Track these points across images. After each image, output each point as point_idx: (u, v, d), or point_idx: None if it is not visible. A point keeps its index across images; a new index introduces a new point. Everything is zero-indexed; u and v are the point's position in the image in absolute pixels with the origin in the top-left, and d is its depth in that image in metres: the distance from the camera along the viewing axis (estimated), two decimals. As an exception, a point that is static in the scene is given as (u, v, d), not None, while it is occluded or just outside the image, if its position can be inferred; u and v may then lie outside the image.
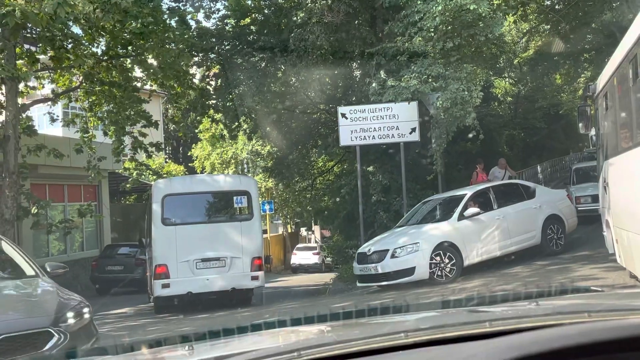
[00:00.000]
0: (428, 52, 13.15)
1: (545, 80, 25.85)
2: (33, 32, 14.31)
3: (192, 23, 17.66)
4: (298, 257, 34.30)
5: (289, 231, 40.20)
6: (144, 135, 16.56)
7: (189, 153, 36.02)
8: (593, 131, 10.22)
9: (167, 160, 35.36)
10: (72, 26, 13.76)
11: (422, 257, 11.20)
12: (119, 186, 23.62)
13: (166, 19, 15.56)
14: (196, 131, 30.49)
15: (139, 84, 16.78)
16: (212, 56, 18.93)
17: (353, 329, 1.90)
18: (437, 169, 14.12)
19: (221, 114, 19.81)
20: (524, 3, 19.02)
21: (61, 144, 16.83)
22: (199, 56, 18.52)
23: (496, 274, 10.94)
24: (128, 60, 15.87)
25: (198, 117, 20.59)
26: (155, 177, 22.95)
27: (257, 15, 19.71)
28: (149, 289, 14.02)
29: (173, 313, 12.79)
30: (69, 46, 14.05)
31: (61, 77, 16.16)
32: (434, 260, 11.18)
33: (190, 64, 17.69)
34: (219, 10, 19.64)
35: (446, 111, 12.80)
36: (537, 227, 12.18)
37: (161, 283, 12.53)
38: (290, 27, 16.97)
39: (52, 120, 16.58)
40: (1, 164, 13.48)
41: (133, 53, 15.36)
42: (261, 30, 19.33)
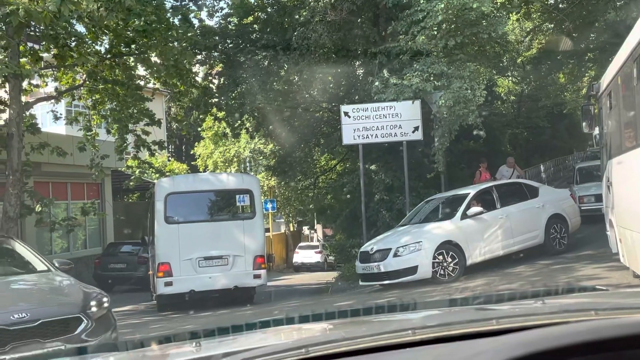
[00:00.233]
0: (431, 51, 13.13)
1: (548, 79, 25.80)
2: (36, 30, 14.32)
3: (195, 22, 17.68)
4: (300, 256, 34.34)
5: (291, 230, 40.22)
6: (147, 133, 16.59)
7: (192, 151, 36.05)
8: (597, 130, 10.21)
9: (170, 158, 35.41)
10: (76, 24, 13.80)
11: (425, 256, 11.20)
12: (122, 184, 23.66)
13: (169, 17, 15.58)
14: (199, 129, 30.51)
15: (142, 82, 16.80)
16: (215, 54, 18.94)
17: (360, 326, 1.90)
18: (439, 168, 14.10)
19: (224, 112, 19.82)
20: (528, 1, 18.98)
21: (64, 142, 16.87)
22: (202, 54, 18.53)
23: (499, 274, 10.93)
24: (131, 58, 15.90)
25: (201, 116, 20.59)
26: (157, 176, 22.97)
27: (260, 13, 19.72)
28: (152, 287, 14.06)
29: (176, 311, 12.82)
30: (73, 44, 14.07)
31: (64, 75, 16.18)
32: (437, 259, 11.18)
33: (193, 62, 17.69)
34: (222, 8, 19.67)
35: (449, 110, 12.78)
36: (540, 227, 12.17)
37: (164, 281, 12.59)
38: (293, 26, 16.97)
39: (56, 118, 16.61)
40: (5, 162, 13.51)
41: (136, 51, 15.38)
42: (264, 28, 19.33)
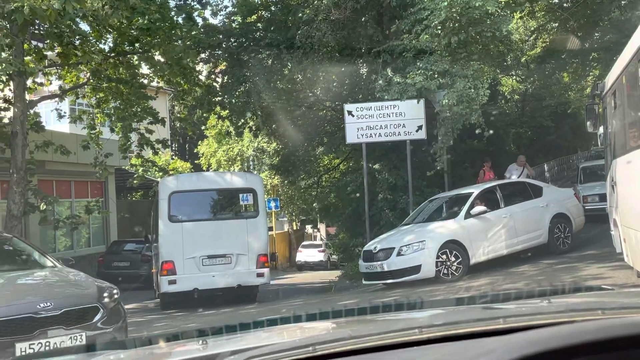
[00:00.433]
0: (434, 49, 13.11)
1: (552, 78, 25.74)
2: (41, 29, 14.36)
3: (199, 20, 17.69)
4: (303, 255, 34.37)
5: (295, 228, 40.23)
6: (151, 131, 16.61)
7: (195, 150, 36.08)
8: (601, 130, 10.18)
9: (174, 157, 35.44)
10: (80, 23, 13.81)
11: (429, 255, 11.19)
12: (126, 182, 23.69)
13: (173, 16, 15.60)
14: (202, 128, 30.54)
15: (146, 81, 16.83)
16: (219, 53, 18.95)
17: (367, 325, 1.90)
18: (439, 166, 14.10)
19: (227, 111, 19.83)
20: (532, 0, 18.93)
21: (68, 141, 16.90)
22: (206, 53, 18.54)
23: (503, 273, 10.92)
24: (135, 56, 15.92)
25: (204, 114, 20.61)
26: (161, 174, 23.01)
27: (264, 12, 19.72)
28: (155, 285, 14.09)
29: (179, 309, 12.84)
30: (77, 43, 14.09)
31: (68, 74, 16.21)
32: (440, 258, 11.17)
33: (196, 61, 17.72)
34: (226, 7, 19.72)
35: (452, 108, 12.77)
36: (544, 226, 12.15)
37: (168, 279, 12.62)
38: (296, 24, 16.96)
39: (60, 116, 16.64)
40: (9, 160, 13.55)
41: (140, 50, 15.40)
42: (268, 27, 19.32)
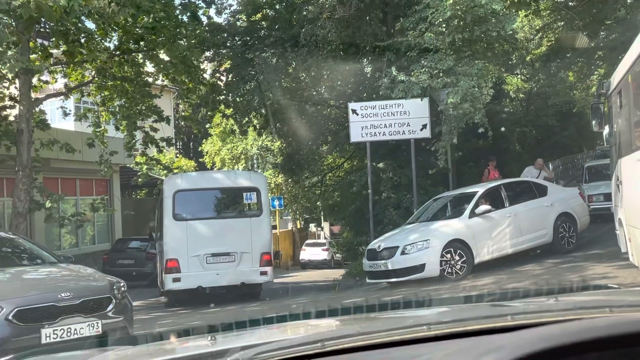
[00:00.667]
0: (439, 48, 13.10)
1: (557, 77, 25.67)
2: (46, 27, 14.40)
3: (204, 19, 17.71)
4: (307, 253, 34.36)
5: (298, 227, 40.23)
6: (155, 130, 16.65)
7: (200, 148, 36.12)
8: (606, 129, 10.15)
9: (178, 155, 35.49)
10: (86, 21, 13.85)
11: (433, 254, 11.17)
12: (130, 180, 23.76)
13: (178, 15, 15.62)
14: (207, 126, 30.58)
15: (151, 79, 16.86)
16: (223, 52, 18.97)
17: (376, 322, 1.91)
18: (441, 164, 14.10)
19: (232, 110, 19.86)
20: (537, -1, 18.89)
21: (73, 138, 16.95)
22: (211, 51, 18.57)
23: (507, 272, 10.90)
24: (140, 55, 15.95)
25: (209, 113, 20.64)
26: (165, 172, 23.06)
27: (269, 10, 19.73)
28: (160, 283, 14.13)
29: (183, 307, 12.89)
30: (82, 40, 14.13)
31: (74, 72, 16.26)
32: (445, 257, 11.15)
33: (201, 59, 17.74)
34: (231, 5, 19.72)
35: (455, 107, 12.75)
36: (549, 225, 12.11)
37: (172, 277, 12.71)
38: (301, 23, 16.97)
39: (65, 114, 16.69)
40: (14, 158, 13.60)
41: (145, 48, 15.42)
42: (272, 25, 19.34)
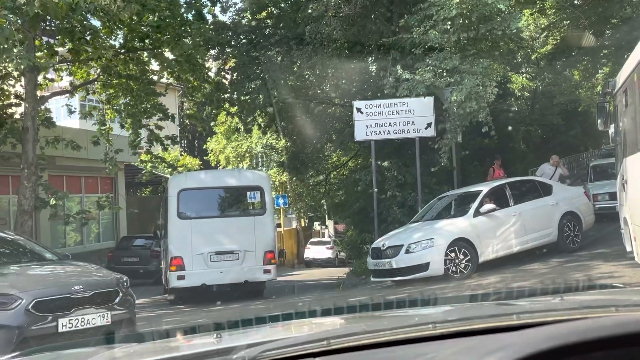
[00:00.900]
0: (444, 46, 13.07)
1: (562, 76, 25.58)
2: (52, 25, 14.44)
3: (209, 17, 17.73)
4: (311, 252, 34.36)
5: (303, 225, 40.21)
6: (160, 128, 16.68)
7: (204, 146, 36.15)
8: (612, 128, 10.12)
9: (183, 153, 35.54)
10: (91, 19, 13.88)
11: (437, 253, 11.15)
12: (135, 178, 23.81)
13: (183, 13, 15.63)
14: (212, 124, 30.60)
15: (156, 77, 16.89)
16: (228, 50, 18.98)
17: (381, 320, 1.91)
18: (444, 162, 14.08)
19: (236, 108, 19.88)
20: (543, -2, 18.85)
21: (78, 136, 17.00)
22: (216, 49, 18.58)
23: (513, 271, 10.88)
24: (145, 53, 15.98)
25: (214, 111, 20.67)
26: (170, 170, 23.09)
27: (273, 9, 19.72)
28: (165, 281, 14.19)
29: (188, 304, 12.94)
30: (88, 38, 14.16)
31: (79, 70, 16.30)
32: (449, 256, 11.13)
33: (206, 58, 17.76)
34: (236, 3, 19.68)
35: (459, 105, 12.73)
36: (554, 224, 12.07)
37: (176, 275, 12.82)
38: (306, 21, 16.96)
39: (70, 112, 16.74)
40: (20, 156, 13.65)
41: (150, 46, 15.45)
42: (277, 24, 19.33)
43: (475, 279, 10.68)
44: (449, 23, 12.52)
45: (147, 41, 15.31)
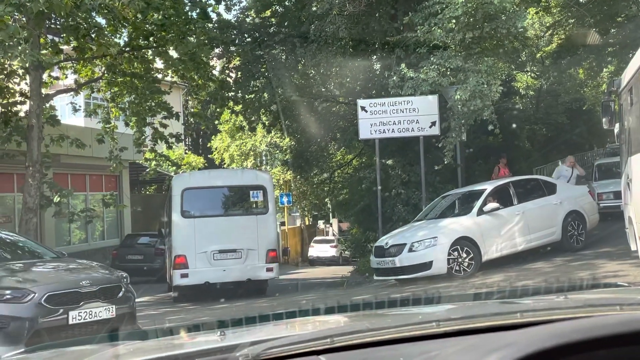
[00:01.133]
0: (448, 45, 13.04)
1: (567, 74, 25.48)
2: (57, 23, 14.47)
3: (213, 16, 17.73)
4: (315, 250, 34.37)
5: (307, 224, 40.21)
6: (165, 126, 16.70)
7: (209, 144, 36.15)
8: (617, 127, 10.09)
9: (187, 151, 35.57)
10: (96, 17, 13.90)
11: (440, 252, 11.13)
12: (139, 176, 23.86)
13: (188, 11, 15.64)
14: (216, 123, 30.59)
15: (160, 75, 16.90)
16: (233, 49, 18.98)
17: (385, 318, 1.91)
18: (447, 160, 14.06)
19: (241, 106, 19.89)
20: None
21: (83, 134, 17.05)
22: (220, 48, 18.58)
23: (517, 269, 10.86)
24: (149, 51, 15.99)
25: (218, 109, 20.68)
26: (174, 168, 23.14)
27: (278, 7, 19.71)
28: (169, 279, 14.26)
29: (192, 302, 12.98)
30: (93, 36, 14.18)
31: (84, 68, 16.33)
32: (452, 254, 11.11)
33: (210, 56, 17.76)
34: (240, 1, 19.67)
35: (464, 104, 12.71)
36: (558, 223, 12.04)
37: (180, 273, 12.96)
38: (310, 19, 16.95)
39: (75, 110, 16.77)
40: (25, 154, 13.70)
41: (154, 44, 15.47)
42: (281, 22, 19.33)
43: (479, 278, 10.67)
44: (454, 21, 12.49)
45: (152, 39, 15.32)
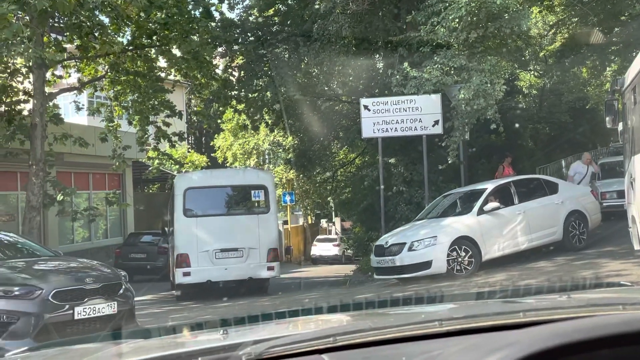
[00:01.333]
0: (451, 44, 13.02)
1: (570, 73, 25.41)
2: (60, 21, 14.49)
3: (216, 14, 17.75)
4: (318, 249, 34.37)
5: (310, 222, 40.22)
6: (168, 124, 16.72)
7: (211, 143, 36.19)
8: (620, 126, 10.06)
9: (190, 150, 35.60)
10: (99, 15, 13.92)
11: (440, 251, 11.11)
12: (142, 175, 23.89)
13: (190, 10, 15.65)
14: (219, 121, 30.60)
15: (163, 74, 16.92)
16: (236, 47, 18.98)
17: (388, 317, 1.91)
18: (451, 160, 14.04)
19: (244, 105, 19.90)
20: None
21: (86, 133, 17.07)
22: (223, 47, 18.58)
23: (520, 268, 10.84)
24: (152, 50, 16.02)
25: (221, 108, 20.70)
26: (177, 167, 23.16)
27: (281, 6, 19.70)
28: (172, 277, 14.32)
29: (195, 301, 13.02)
30: (96, 34, 14.21)
31: (87, 67, 16.36)
32: (452, 254, 11.09)
33: (213, 55, 17.77)
34: (243, 0, 19.65)
35: (467, 103, 12.69)
36: (559, 223, 11.99)
37: (182, 271, 13.06)
38: (313, 18, 16.94)
39: (78, 109, 16.80)
40: (28, 152, 13.74)
41: (157, 43, 15.49)
42: (284, 21, 19.32)
43: (481, 277, 10.66)
44: (457, 20, 12.47)
45: (155, 38, 15.35)
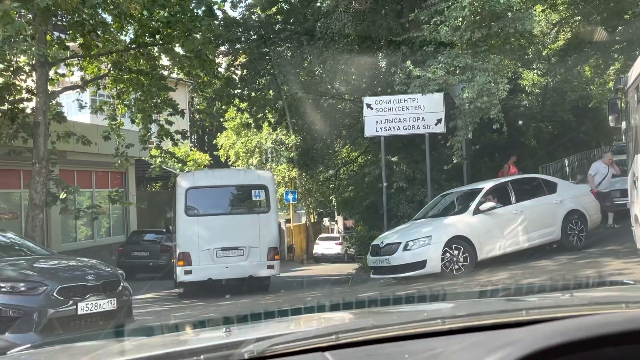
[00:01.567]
0: (455, 43, 13.00)
1: (574, 72, 25.36)
2: (63, 19, 14.51)
3: (219, 13, 17.73)
4: (321, 247, 34.39)
5: (312, 221, 40.24)
6: (170, 123, 16.73)
7: (214, 142, 36.21)
8: (623, 124, 10.04)
9: (193, 148, 35.63)
10: (102, 13, 13.93)
11: (434, 251, 11.09)
12: (145, 173, 23.92)
13: (193, 8, 15.65)
14: (221, 120, 30.63)
15: (166, 72, 16.93)
16: (238, 46, 18.97)
17: (390, 315, 1.91)
18: (456, 160, 14.03)
19: (246, 103, 19.90)
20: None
21: (89, 131, 17.09)
22: (225, 45, 18.58)
23: (522, 267, 10.84)
24: (155, 48, 16.02)
25: (223, 106, 20.70)
26: (180, 165, 23.18)
27: (283, 4, 19.68)
28: (175, 275, 14.39)
29: (197, 299, 13.08)
30: (99, 32, 14.21)
31: (90, 65, 16.37)
32: (446, 253, 11.08)
33: (216, 54, 17.76)
34: (246, -1, 19.61)
35: (471, 102, 12.67)
36: (557, 222, 11.94)
37: (184, 269, 13.19)
38: (316, 16, 16.93)
39: (81, 107, 16.81)
40: (31, 150, 13.76)
41: (160, 42, 15.49)
42: (287, 19, 19.30)
43: (484, 275, 10.65)
44: (460, 19, 12.45)
45: (158, 37, 15.35)
